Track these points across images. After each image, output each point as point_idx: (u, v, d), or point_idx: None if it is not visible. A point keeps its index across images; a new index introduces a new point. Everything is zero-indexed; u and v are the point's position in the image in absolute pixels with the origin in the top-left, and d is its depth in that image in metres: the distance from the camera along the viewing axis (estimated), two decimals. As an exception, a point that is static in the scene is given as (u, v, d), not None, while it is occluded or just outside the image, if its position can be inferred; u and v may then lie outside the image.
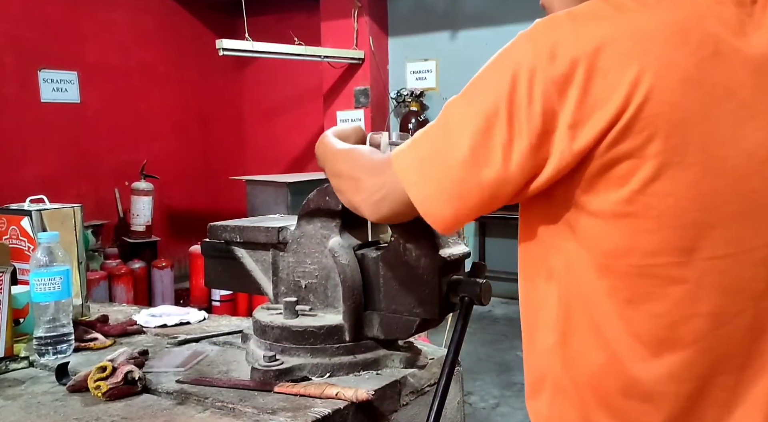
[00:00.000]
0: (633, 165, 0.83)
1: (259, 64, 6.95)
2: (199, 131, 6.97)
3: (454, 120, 0.91)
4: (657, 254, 0.86)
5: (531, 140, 0.84)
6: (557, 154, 0.84)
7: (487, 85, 0.89)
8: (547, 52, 0.83)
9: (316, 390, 1.26)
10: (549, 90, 0.83)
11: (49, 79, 5.67)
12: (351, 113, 6.36)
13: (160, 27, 6.55)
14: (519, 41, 0.88)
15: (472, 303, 1.31)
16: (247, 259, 1.59)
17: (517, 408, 3.76)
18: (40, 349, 1.53)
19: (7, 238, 1.83)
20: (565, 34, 0.84)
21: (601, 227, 0.87)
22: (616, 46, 0.82)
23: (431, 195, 0.91)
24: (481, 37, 6.00)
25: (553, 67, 0.82)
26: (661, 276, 0.86)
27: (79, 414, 1.25)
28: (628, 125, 0.81)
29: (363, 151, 1.10)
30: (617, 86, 0.81)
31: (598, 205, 0.86)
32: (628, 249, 0.86)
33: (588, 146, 0.83)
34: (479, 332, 5.07)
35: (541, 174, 0.86)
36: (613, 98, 0.81)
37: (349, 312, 1.39)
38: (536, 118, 0.84)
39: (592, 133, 0.82)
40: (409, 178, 0.93)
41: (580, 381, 0.93)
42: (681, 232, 0.85)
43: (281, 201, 5.00)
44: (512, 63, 0.86)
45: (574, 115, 0.82)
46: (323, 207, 1.43)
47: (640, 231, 0.85)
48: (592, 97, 0.82)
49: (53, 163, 5.69)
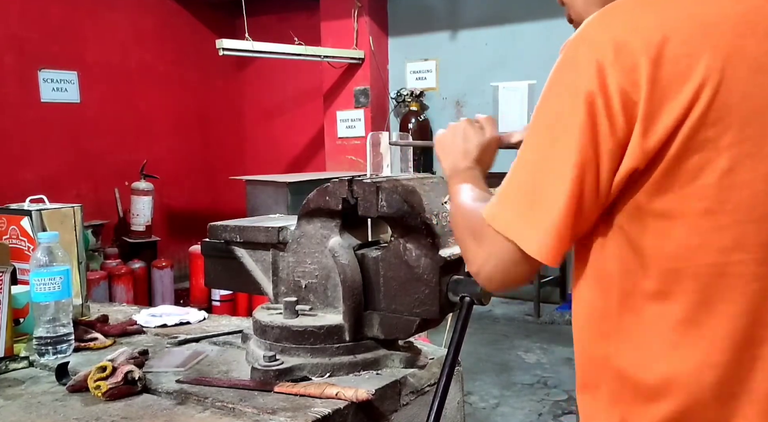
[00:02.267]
0: (706, 158, 0.80)
1: (259, 64, 6.95)
2: (199, 131, 6.97)
3: (539, 163, 0.86)
4: (734, 251, 0.82)
5: (616, 159, 0.82)
6: (629, 155, 0.81)
7: (562, 113, 0.84)
8: (611, 48, 0.80)
9: (316, 390, 1.26)
10: (623, 87, 0.79)
11: (49, 79, 5.66)
12: (351, 113, 6.35)
13: (160, 27, 6.55)
14: (576, 50, 0.84)
15: (472, 303, 1.31)
16: (247, 259, 1.59)
17: (517, 408, 3.76)
18: (40, 349, 1.53)
19: (7, 238, 1.82)
20: (625, 27, 0.81)
21: (672, 228, 0.83)
22: (683, 35, 0.79)
23: (542, 240, 0.86)
24: (481, 37, 6.00)
25: (620, 60, 0.79)
26: (739, 275, 0.83)
27: (79, 414, 1.25)
28: (702, 116, 0.79)
29: (465, 202, 1.03)
30: (688, 75, 0.79)
31: (668, 204, 0.83)
32: (702, 247, 0.83)
33: (660, 141, 0.80)
34: (479, 332, 5.07)
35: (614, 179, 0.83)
36: (685, 88, 0.79)
37: (349, 312, 1.39)
38: (620, 132, 0.81)
39: (664, 127, 0.79)
40: (516, 233, 0.87)
41: (643, 392, 0.88)
42: (758, 226, 0.82)
43: (281, 201, 5.00)
44: (580, 80, 0.82)
45: (646, 109, 0.79)
46: (323, 207, 1.43)
47: (715, 227, 0.82)
48: (661, 87, 0.79)
49: (53, 163, 5.68)
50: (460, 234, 1.00)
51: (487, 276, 0.93)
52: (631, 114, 0.80)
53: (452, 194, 1.08)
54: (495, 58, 5.89)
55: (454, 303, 1.34)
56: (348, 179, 1.40)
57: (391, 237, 1.39)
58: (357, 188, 1.38)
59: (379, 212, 1.36)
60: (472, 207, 1.00)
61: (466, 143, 1.16)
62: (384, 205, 1.35)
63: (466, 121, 1.20)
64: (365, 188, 1.37)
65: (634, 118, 0.80)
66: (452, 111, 6.19)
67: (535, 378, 4.19)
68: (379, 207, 1.36)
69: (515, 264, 0.89)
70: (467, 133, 1.17)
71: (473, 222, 0.95)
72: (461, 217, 1.02)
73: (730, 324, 0.84)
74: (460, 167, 1.13)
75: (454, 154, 1.16)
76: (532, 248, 0.86)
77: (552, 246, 0.85)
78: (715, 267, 0.83)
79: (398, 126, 6.27)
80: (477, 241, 0.94)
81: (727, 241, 0.82)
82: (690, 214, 0.82)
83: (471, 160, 1.14)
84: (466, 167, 1.13)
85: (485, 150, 1.16)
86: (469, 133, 1.17)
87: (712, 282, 0.83)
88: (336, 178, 1.42)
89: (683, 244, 0.83)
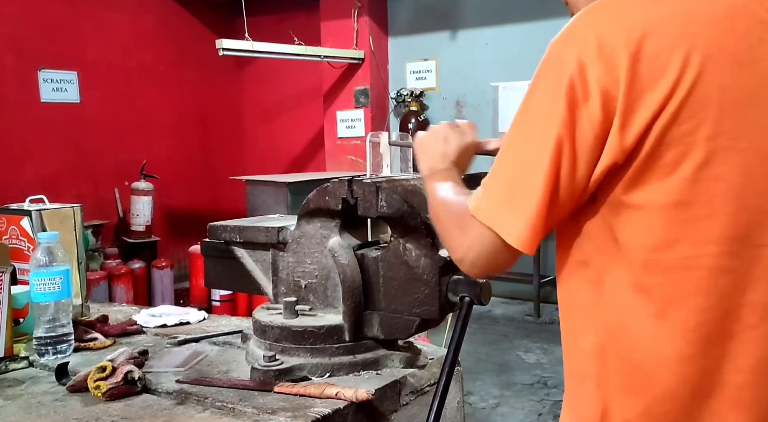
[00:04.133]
0: (682, 151, 0.81)
1: (259, 64, 6.95)
2: (199, 131, 6.96)
3: (520, 155, 0.89)
4: (706, 244, 0.84)
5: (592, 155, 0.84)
6: (607, 151, 0.83)
7: (543, 107, 0.86)
8: (594, 45, 0.82)
9: (315, 390, 1.26)
10: (604, 83, 0.81)
11: (49, 79, 5.66)
12: (351, 113, 6.35)
13: (160, 27, 6.55)
14: (561, 46, 0.86)
15: (472, 303, 1.31)
16: (246, 259, 1.59)
17: (517, 408, 3.76)
18: (40, 349, 1.53)
19: (6, 238, 1.82)
20: (609, 24, 0.83)
21: (646, 221, 0.85)
22: (664, 29, 0.81)
23: (522, 231, 0.88)
24: (481, 37, 6.00)
25: (602, 56, 0.81)
26: (709, 268, 0.84)
27: (79, 414, 1.25)
28: (679, 108, 0.80)
29: (447, 196, 1.06)
30: (666, 68, 0.80)
31: (643, 198, 0.84)
32: (674, 240, 0.84)
33: (638, 136, 0.81)
34: (479, 332, 5.07)
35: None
36: (663, 80, 0.80)
37: (349, 312, 1.39)
38: (598, 127, 0.82)
39: (642, 120, 0.81)
40: (498, 223, 0.90)
41: (626, 381, 0.90)
42: (733, 219, 0.83)
43: (281, 201, 5.00)
44: (562, 75, 0.84)
45: (624, 104, 0.81)
46: (323, 207, 1.43)
47: (690, 220, 0.83)
48: (640, 83, 0.80)
49: (53, 163, 5.68)
50: (443, 224, 1.03)
51: (470, 263, 0.96)
52: (609, 109, 0.82)
53: (431, 191, 1.11)
54: (495, 58, 5.89)
55: (454, 303, 1.34)
56: (348, 179, 1.40)
57: (391, 237, 1.39)
58: (357, 188, 1.38)
59: (378, 212, 1.36)
60: (456, 199, 1.03)
61: (446, 145, 1.18)
62: (384, 205, 1.35)
63: (447, 124, 1.23)
64: (365, 188, 1.37)
65: (613, 114, 0.82)
66: (452, 111, 6.19)
67: (535, 378, 4.19)
68: (378, 207, 1.36)
69: (497, 252, 0.92)
70: (448, 135, 1.19)
71: (458, 212, 0.98)
72: (444, 210, 1.04)
73: (700, 316, 0.85)
74: (438, 167, 1.16)
75: (433, 155, 1.18)
76: (511, 238, 0.89)
77: (529, 235, 0.88)
78: (688, 260, 0.84)
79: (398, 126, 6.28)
80: (461, 230, 0.96)
81: (701, 234, 0.84)
82: (665, 207, 0.84)
83: (449, 162, 1.16)
84: (444, 168, 1.15)
85: (463, 153, 1.19)
86: (449, 136, 1.19)
87: (684, 274, 0.85)
88: (336, 178, 1.42)
89: (659, 236, 0.85)
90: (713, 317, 0.85)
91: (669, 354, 0.86)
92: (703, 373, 0.86)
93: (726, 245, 0.84)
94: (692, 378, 0.87)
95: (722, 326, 0.85)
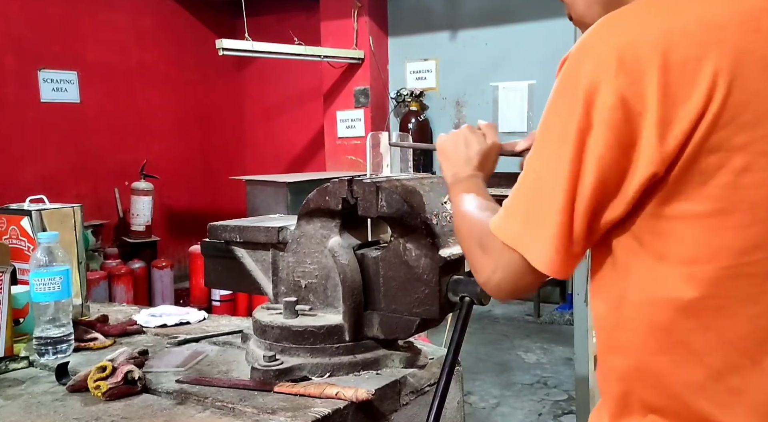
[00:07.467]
0: (721, 159, 0.80)
1: (259, 64, 6.95)
2: (199, 131, 6.96)
3: (539, 176, 0.87)
4: (751, 251, 0.82)
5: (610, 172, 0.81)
6: (643, 165, 0.80)
7: (558, 126, 0.84)
8: (614, 59, 0.80)
9: (316, 390, 1.26)
10: (625, 98, 0.79)
11: (49, 79, 5.66)
12: (351, 113, 6.35)
13: (160, 27, 6.55)
14: (577, 62, 0.83)
15: (472, 303, 1.31)
16: (247, 259, 1.59)
17: (517, 408, 3.76)
18: (40, 349, 1.53)
19: (7, 238, 1.82)
20: (628, 38, 0.80)
21: (685, 232, 0.82)
22: (689, 37, 0.79)
23: (547, 254, 0.86)
24: (481, 37, 6.00)
25: (623, 71, 0.79)
26: (758, 275, 0.82)
27: (78, 414, 1.25)
28: (716, 117, 0.78)
29: (470, 211, 1.04)
30: (698, 78, 0.78)
31: (681, 208, 0.82)
32: (717, 250, 0.82)
33: (679, 145, 0.79)
34: (479, 332, 5.07)
35: (622, 192, 0.82)
36: (696, 91, 0.78)
37: (349, 312, 1.39)
38: (614, 147, 0.80)
39: (682, 130, 0.79)
40: (523, 246, 0.88)
41: (670, 402, 0.86)
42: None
43: (281, 201, 5.00)
44: (577, 91, 0.82)
45: (659, 115, 0.78)
46: (323, 207, 1.43)
47: (731, 228, 0.81)
48: (673, 92, 0.78)
49: (53, 163, 5.68)
50: (467, 244, 1.01)
51: (496, 286, 0.93)
52: (634, 126, 0.80)
53: (455, 202, 1.09)
54: (495, 58, 5.88)
55: (454, 303, 1.34)
56: (348, 179, 1.40)
57: (391, 237, 1.39)
58: (357, 188, 1.38)
59: (378, 212, 1.36)
60: (478, 217, 1.00)
61: (468, 150, 1.16)
62: (384, 205, 1.35)
63: (467, 127, 1.21)
64: (365, 188, 1.37)
65: (637, 128, 0.80)
66: (452, 111, 6.19)
67: (535, 378, 4.19)
68: (378, 207, 1.36)
69: (523, 275, 0.89)
70: (469, 139, 1.18)
71: (480, 232, 0.95)
72: (467, 228, 1.02)
73: (750, 324, 0.83)
74: (462, 175, 1.14)
75: (456, 161, 1.16)
76: (538, 261, 0.86)
77: (555, 258, 0.85)
78: (733, 269, 0.82)
79: (398, 126, 6.27)
80: (484, 252, 0.94)
81: (744, 241, 0.82)
82: (705, 216, 0.82)
83: (472, 168, 1.15)
84: (467, 175, 1.14)
85: (486, 157, 1.17)
86: (470, 140, 1.18)
87: (730, 285, 0.82)
88: (336, 178, 1.42)
89: (700, 247, 0.82)
90: (764, 324, 0.83)
91: (718, 367, 0.83)
92: (752, 382, 0.83)
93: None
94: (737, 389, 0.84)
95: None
